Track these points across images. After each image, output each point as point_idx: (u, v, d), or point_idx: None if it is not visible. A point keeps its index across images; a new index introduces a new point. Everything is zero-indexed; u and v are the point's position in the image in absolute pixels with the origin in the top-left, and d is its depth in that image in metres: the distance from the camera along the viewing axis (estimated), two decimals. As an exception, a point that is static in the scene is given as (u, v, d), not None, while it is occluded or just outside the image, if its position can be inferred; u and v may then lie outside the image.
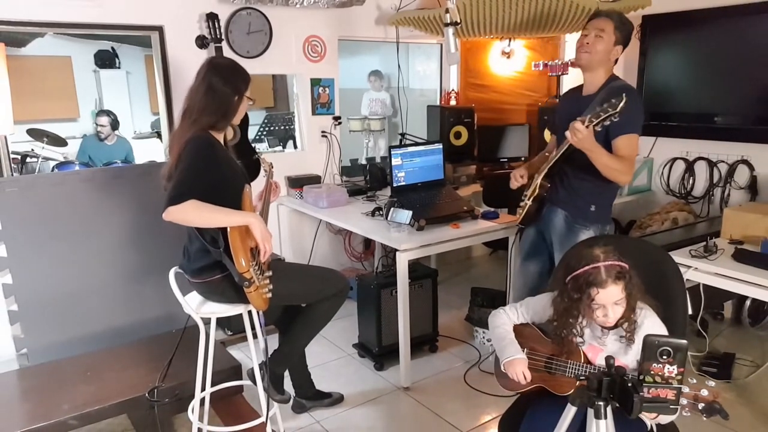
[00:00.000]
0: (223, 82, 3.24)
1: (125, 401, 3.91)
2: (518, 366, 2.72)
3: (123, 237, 4.95)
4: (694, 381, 2.06)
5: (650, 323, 2.58)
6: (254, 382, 3.60)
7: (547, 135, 6.48)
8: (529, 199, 4.00)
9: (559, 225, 3.97)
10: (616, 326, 2.60)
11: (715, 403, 2.02)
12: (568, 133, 3.48)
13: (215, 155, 3.16)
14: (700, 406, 2.03)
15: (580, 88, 4.00)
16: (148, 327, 5.02)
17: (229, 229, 3.05)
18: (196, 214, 2.96)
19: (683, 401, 2.03)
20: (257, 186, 3.63)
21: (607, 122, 3.37)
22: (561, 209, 3.95)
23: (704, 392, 2.04)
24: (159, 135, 7.43)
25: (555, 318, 2.72)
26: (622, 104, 3.26)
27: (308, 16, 5.96)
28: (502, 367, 2.78)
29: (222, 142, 3.36)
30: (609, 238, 3.33)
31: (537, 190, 3.93)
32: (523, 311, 2.93)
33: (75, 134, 9.63)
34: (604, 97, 3.52)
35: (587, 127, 3.41)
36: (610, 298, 2.50)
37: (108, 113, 7.87)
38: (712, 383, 2.06)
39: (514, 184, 4.17)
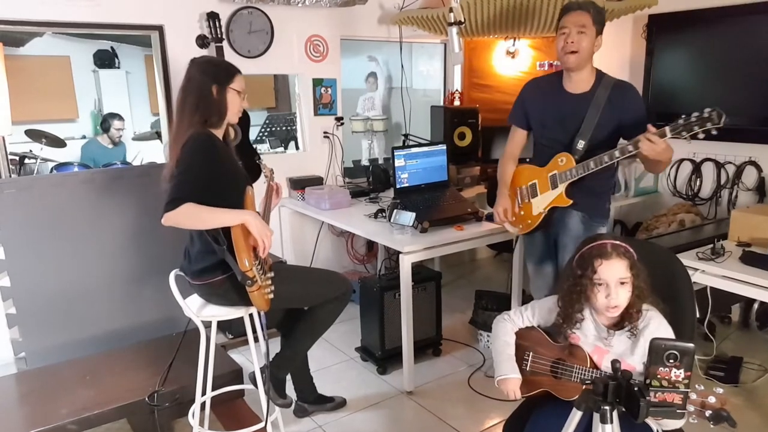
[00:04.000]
0: (200, 73, 3.28)
1: (125, 405, 3.91)
2: (510, 385, 2.76)
3: (123, 239, 4.95)
4: (702, 387, 2.06)
5: (657, 323, 2.59)
6: (255, 385, 3.61)
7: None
8: (545, 209, 3.93)
9: (575, 227, 3.91)
10: (622, 327, 2.61)
11: (723, 411, 2.02)
12: (641, 145, 3.38)
13: (215, 154, 3.19)
14: (708, 413, 2.02)
15: (556, 81, 3.95)
16: (148, 330, 5.02)
17: (231, 228, 3.08)
18: (192, 217, 3.00)
19: (690, 408, 2.03)
20: (258, 189, 3.64)
21: (701, 136, 3.34)
22: (576, 210, 3.90)
23: (712, 399, 2.04)
24: (159, 135, 7.43)
25: (559, 303, 2.74)
26: (724, 118, 3.28)
27: (310, 16, 5.97)
28: (495, 383, 2.81)
29: (223, 140, 3.38)
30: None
31: (561, 201, 3.87)
32: (529, 315, 2.93)
33: (74, 135, 9.65)
34: (692, 115, 3.39)
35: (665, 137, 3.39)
36: (613, 273, 2.53)
37: (121, 117, 7.89)
38: (720, 390, 2.06)
39: (502, 220, 4.12)
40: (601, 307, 2.60)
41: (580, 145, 3.73)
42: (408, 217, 4.53)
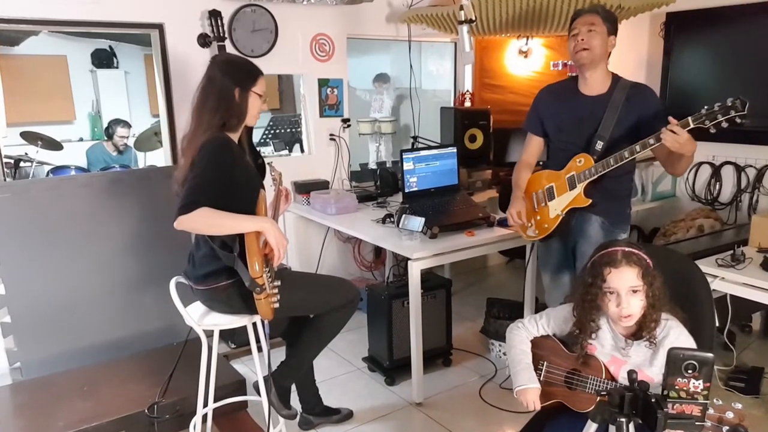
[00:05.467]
0: (222, 73, 3.29)
1: (124, 417, 3.92)
2: (530, 395, 2.76)
3: (122, 245, 4.96)
4: (720, 402, 2.06)
5: (676, 333, 2.59)
6: (259, 393, 3.61)
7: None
8: (563, 211, 3.95)
9: (595, 233, 3.93)
10: (640, 336, 2.62)
11: (741, 427, 2.02)
12: (664, 136, 3.40)
13: (231, 158, 3.22)
14: (725, 429, 2.03)
15: (571, 86, 4.02)
16: (147, 340, 5.03)
17: (246, 233, 3.10)
18: (207, 222, 3.03)
19: (707, 423, 2.03)
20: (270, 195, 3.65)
21: (725, 125, 3.36)
22: (596, 215, 3.93)
23: (729, 414, 2.04)
24: (156, 135, 7.42)
25: (574, 312, 2.75)
26: (747, 106, 3.29)
27: (315, 14, 5.99)
28: (514, 393, 2.81)
29: (238, 144, 3.41)
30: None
31: (580, 201, 3.88)
32: (543, 323, 2.94)
33: (71, 137, 9.67)
34: (713, 107, 3.41)
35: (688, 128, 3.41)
36: (623, 282, 2.54)
37: (126, 123, 7.88)
38: (739, 405, 2.06)
39: (515, 222, 4.13)
40: (614, 316, 2.61)
41: (599, 145, 3.78)
42: (417, 222, 4.54)
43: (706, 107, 3.36)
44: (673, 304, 2.65)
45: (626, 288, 2.54)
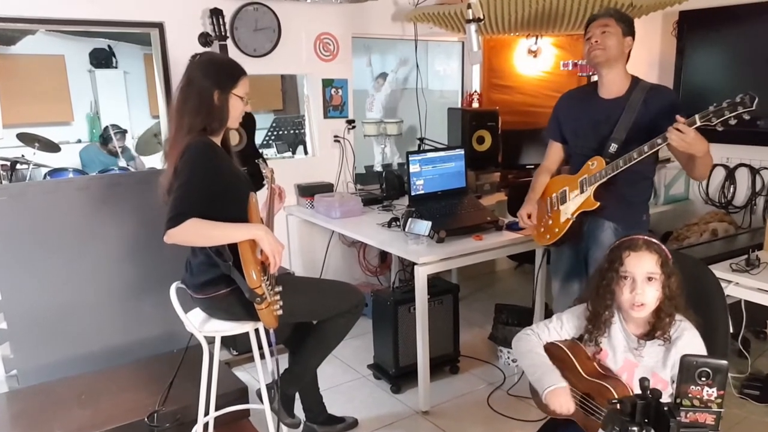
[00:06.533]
0: (202, 74, 3.26)
1: (123, 426, 3.91)
2: (562, 396, 2.64)
3: (121, 249, 4.95)
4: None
5: (690, 336, 2.59)
6: (261, 401, 3.61)
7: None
8: (573, 215, 3.93)
9: (608, 240, 3.85)
10: (652, 337, 2.61)
11: None
12: (669, 135, 3.37)
13: (215, 163, 3.19)
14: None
15: (590, 90, 4.02)
16: (147, 346, 5.02)
17: (239, 242, 3.08)
18: (198, 233, 3.01)
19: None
20: (263, 195, 3.65)
21: (733, 122, 3.32)
22: (608, 221, 3.91)
23: None
24: (156, 136, 7.43)
25: (588, 306, 2.76)
26: (756, 101, 3.24)
27: (320, 12, 6.00)
28: (543, 399, 2.69)
29: (223, 146, 3.40)
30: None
31: (588, 204, 3.86)
32: (556, 326, 2.91)
33: (69, 139, 9.67)
34: (722, 105, 3.38)
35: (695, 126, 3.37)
36: (641, 267, 2.55)
37: (123, 131, 7.88)
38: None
39: (525, 223, 4.18)
40: (626, 304, 2.60)
41: (612, 148, 3.76)
42: (423, 226, 4.53)
43: (714, 104, 3.34)
44: (687, 307, 2.65)
45: (643, 274, 2.54)
